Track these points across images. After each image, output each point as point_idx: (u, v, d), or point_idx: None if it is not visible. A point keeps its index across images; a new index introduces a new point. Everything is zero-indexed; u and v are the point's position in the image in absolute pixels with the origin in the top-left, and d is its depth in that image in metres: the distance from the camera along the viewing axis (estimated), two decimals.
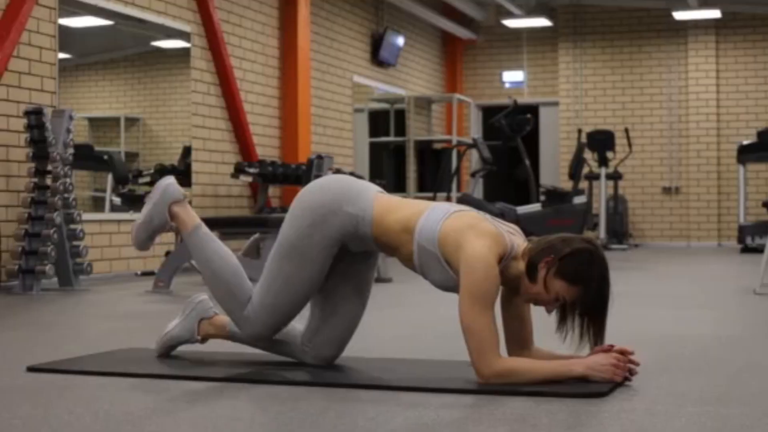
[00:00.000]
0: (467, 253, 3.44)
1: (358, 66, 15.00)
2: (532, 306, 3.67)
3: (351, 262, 3.88)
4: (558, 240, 3.52)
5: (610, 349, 3.49)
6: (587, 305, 3.46)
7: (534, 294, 3.52)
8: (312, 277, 3.76)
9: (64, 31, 9.23)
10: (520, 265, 3.53)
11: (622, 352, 3.51)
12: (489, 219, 3.60)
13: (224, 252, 3.97)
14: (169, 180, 4.15)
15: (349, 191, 3.76)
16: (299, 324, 3.98)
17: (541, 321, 3.74)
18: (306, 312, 3.95)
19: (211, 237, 4.01)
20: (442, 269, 3.56)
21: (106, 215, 10.14)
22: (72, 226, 8.33)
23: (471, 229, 3.50)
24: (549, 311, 3.54)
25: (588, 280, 3.44)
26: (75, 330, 5.56)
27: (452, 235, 3.52)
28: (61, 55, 9.19)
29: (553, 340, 3.61)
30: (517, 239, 3.60)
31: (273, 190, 12.18)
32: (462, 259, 3.46)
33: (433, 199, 14.51)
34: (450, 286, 3.58)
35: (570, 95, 17.87)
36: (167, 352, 4.17)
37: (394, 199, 3.78)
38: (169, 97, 11.51)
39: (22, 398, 3.36)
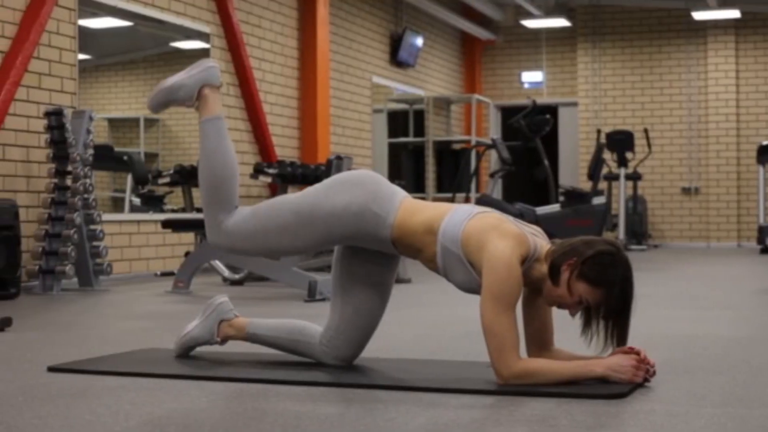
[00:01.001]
0: (490, 254, 3.44)
1: (377, 66, 15.00)
2: (555, 308, 3.66)
3: (373, 264, 3.88)
4: (581, 242, 3.51)
5: (630, 350, 3.48)
6: (611, 307, 3.45)
7: (557, 297, 3.51)
8: (302, 246, 3.80)
9: (83, 32, 9.26)
10: (543, 268, 3.52)
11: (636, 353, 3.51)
12: (512, 220, 3.60)
13: (231, 153, 3.97)
14: (214, 62, 4.13)
15: (380, 191, 3.75)
16: (318, 324, 3.99)
17: (565, 323, 3.73)
18: (326, 312, 3.95)
19: (225, 133, 3.99)
20: (465, 270, 3.56)
21: (126, 216, 10.17)
22: (92, 227, 8.36)
23: (494, 230, 3.50)
24: (573, 314, 3.54)
25: (611, 282, 3.43)
26: (95, 330, 5.58)
27: (475, 236, 3.51)
28: (81, 56, 9.22)
29: (570, 342, 3.61)
30: (540, 241, 3.59)
31: (292, 191, 12.20)
32: (484, 260, 3.45)
33: (452, 199, 14.52)
34: (473, 287, 3.57)
35: (589, 95, 17.84)
36: (186, 352, 4.17)
37: (419, 203, 3.77)
38: None
39: (43, 398, 3.37)
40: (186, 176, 10.41)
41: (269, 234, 3.80)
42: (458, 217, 3.60)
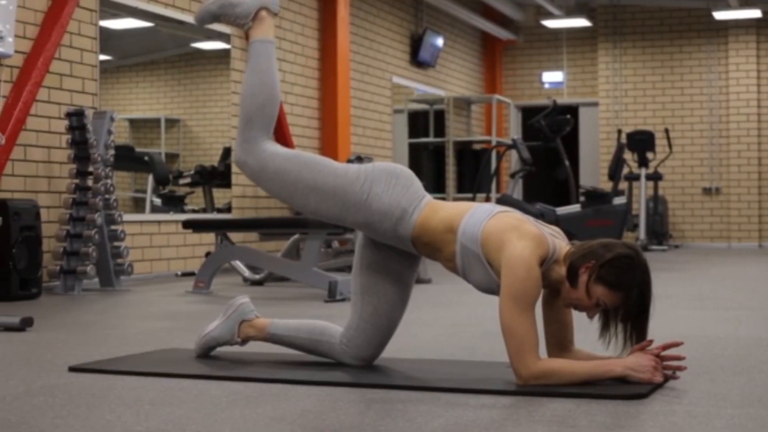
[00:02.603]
0: (509, 254, 3.44)
1: (398, 67, 15.01)
2: (573, 310, 3.66)
3: (393, 263, 3.88)
4: (599, 245, 3.51)
5: (649, 343, 3.47)
6: (629, 311, 3.44)
7: (575, 299, 3.51)
8: (323, 212, 3.78)
9: (104, 32, 9.29)
10: (562, 270, 3.52)
11: (670, 346, 3.50)
12: (532, 221, 3.60)
13: (276, 77, 3.94)
14: None
15: (413, 188, 3.77)
16: (338, 324, 4.00)
17: (585, 323, 3.73)
18: (346, 312, 3.96)
19: (273, 58, 3.95)
20: (484, 270, 3.56)
21: (147, 216, 10.20)
22: (113, 227, 8.39)
23: (513, 230, 3.49)
24: (590, 317, 3.53)
25: (629, 285, 3.42)
26: (116, 330, 5.60)
27: (495, 235, 3.51)
28: (102, 57, 9.25)
29: (590, 342, 3.60)
30: (559, 242, 3.58)
31: None
32: (503, 260, 3.45)
33: (473, 200, 14.51)
34: (491, 287, 3.57)
35: (609, 95, 17.80)
36: (206, 353, 4.18)
37: (441, 203, 3.78)
38: (209, 98, 11.57)
39: (64, 398, 3.38)
40: (206, 177, 10.43)
41: (299, 184, 3.78)
42: (478, 216, 3.60)
